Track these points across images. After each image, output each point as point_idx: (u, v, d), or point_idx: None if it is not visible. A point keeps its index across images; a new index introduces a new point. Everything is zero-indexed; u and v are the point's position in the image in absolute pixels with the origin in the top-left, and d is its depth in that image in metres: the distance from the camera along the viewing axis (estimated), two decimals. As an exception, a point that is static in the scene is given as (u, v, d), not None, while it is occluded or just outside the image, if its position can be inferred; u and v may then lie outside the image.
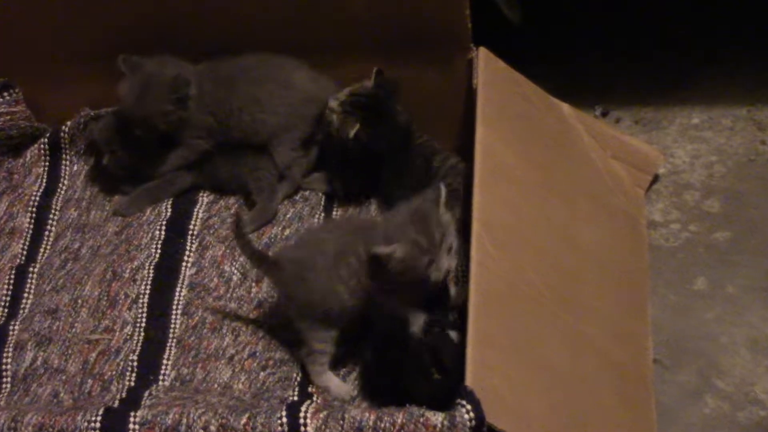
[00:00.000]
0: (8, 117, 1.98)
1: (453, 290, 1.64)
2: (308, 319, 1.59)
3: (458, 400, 1.34)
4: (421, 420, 1.36)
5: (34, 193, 1.97)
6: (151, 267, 1.80)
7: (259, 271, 1.71)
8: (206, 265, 1.80)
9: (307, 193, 1.91)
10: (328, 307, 1.57)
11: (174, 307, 1.75)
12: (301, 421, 1.41)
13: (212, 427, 1.43)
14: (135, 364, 1.68)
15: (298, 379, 1.63)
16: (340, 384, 1.61)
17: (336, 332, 1.60)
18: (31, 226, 1.93)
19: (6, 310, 1.80)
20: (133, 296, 1.77)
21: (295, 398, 1.59)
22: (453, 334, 1.57)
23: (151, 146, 1.87)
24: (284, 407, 1.44)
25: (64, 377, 1.68)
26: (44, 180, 1.99)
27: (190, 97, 1.82)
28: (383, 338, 1.58)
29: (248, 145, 1.86)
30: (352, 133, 1.74)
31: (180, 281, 1.78)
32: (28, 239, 1.91)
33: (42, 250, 1.90)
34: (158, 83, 1.80)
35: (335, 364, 1.63)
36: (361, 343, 1.63)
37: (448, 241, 1.51)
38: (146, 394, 1.59)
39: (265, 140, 1.86)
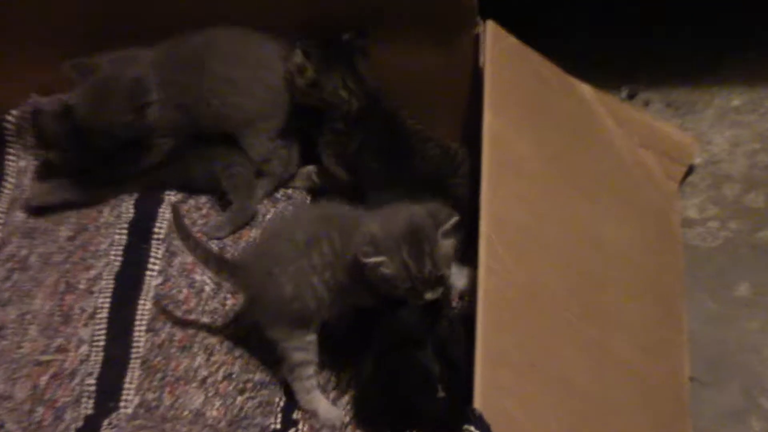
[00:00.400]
0: (-56, 106, 1.96)
1: (464, 274, 1.67)
2: (281, 325, 1.58)
3: (466, 426, 1.33)
4: (423, 448, 1.39)
5: (-26, 194, 1.98)
6: (111, 277, 1.79)
7: (219, 276, 1.70)
8: (174, 273, 1.79)
9: (290, 190, 1.91)
10: (302, 304, 1.56)
11: (137, 322, 1.75)
12: (285, 452, 1.46)
13: (182, 461, 1.47)
14: (92, 388, 1.67)
15: (281, 404, 1.63)
16: (329, 408, 1.61)
17: (314, 336, 1.59)
18: (-29, 232, 1.93)
19: (-57, 328, 1.81)
20: (90, 311, 1.76)
21: (278, 426, 1.59)
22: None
23: (109, 150, 1.86)
24: (265, 437, 1.46)
25: (10, 405, 1.67)
26: (-14, 178, 1.97)
27: (152, 103, 1.81)
28: (388, 345, 1.58)
29: (221, 136, 1.86)
30: (300, 72, 1.74)
31: (144, 293, 1.77)
32: (-33, 247, 1.91)
33: (-17, 259, 1.88)
34: (115, 90, 1.79)
35: (324, 387, 1.64)
36: (356, 359, 1.63)
37: (438, 274, 1.52)
38: (106, 423, 1.60)
39: (237, 128, 1.85)
